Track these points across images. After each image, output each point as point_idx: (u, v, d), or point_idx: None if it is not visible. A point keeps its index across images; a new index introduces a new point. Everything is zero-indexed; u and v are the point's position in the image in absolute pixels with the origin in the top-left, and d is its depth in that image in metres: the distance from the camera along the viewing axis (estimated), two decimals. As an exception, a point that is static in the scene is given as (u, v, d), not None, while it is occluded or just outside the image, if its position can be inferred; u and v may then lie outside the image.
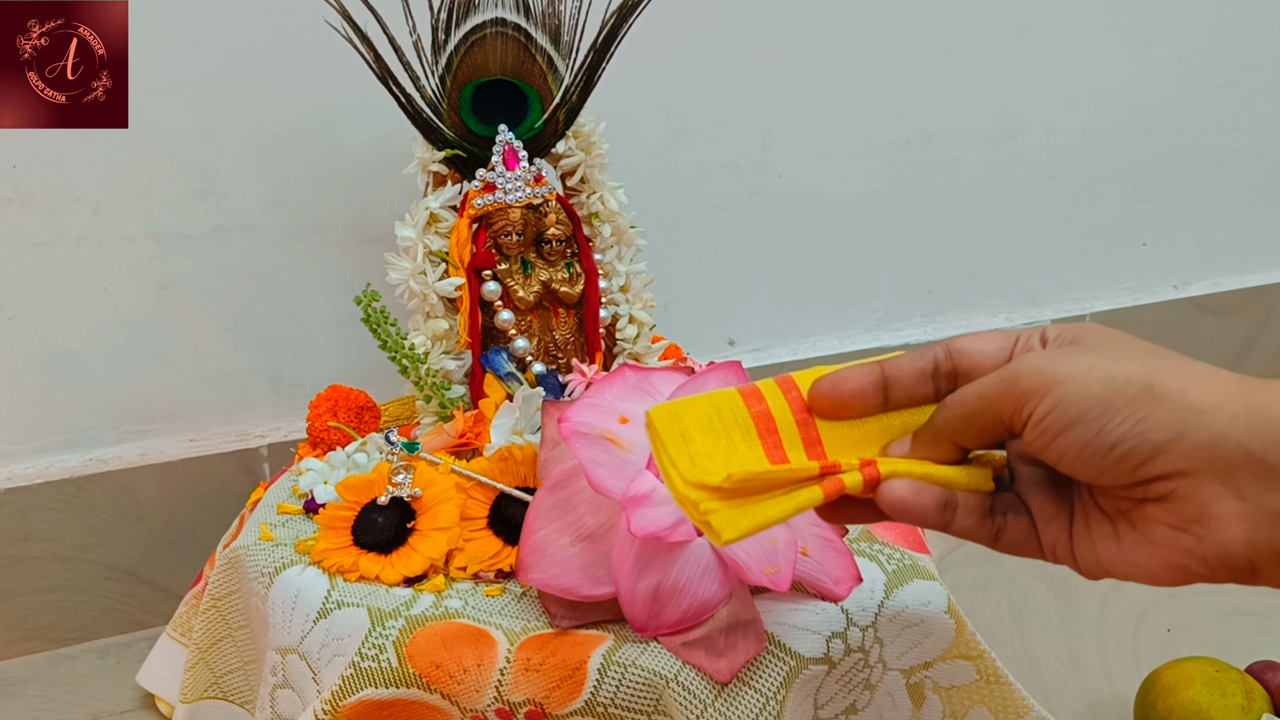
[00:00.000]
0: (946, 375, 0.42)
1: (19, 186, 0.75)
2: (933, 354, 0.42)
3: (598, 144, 0.71)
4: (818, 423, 0.42)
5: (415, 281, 0.67)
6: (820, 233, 1.01)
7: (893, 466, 0.40)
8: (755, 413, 0.42)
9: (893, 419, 0.42)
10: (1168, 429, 0.36)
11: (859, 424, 0.42)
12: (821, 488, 0.40)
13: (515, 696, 0.50)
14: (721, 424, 0.41)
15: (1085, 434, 0.36)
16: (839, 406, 0.42)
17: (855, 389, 0.42)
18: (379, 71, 0.66)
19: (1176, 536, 0.37)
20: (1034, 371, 0.38)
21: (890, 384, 0.42)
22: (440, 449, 0.64)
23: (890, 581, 0.57)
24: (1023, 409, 0.38)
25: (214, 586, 0.63)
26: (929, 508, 0.40)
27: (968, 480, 0.41)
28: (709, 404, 0.42)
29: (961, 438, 0.40)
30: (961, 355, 0.42)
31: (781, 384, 0.43)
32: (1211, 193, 1.18)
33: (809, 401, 0.42)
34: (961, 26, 0.99)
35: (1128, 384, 0.36)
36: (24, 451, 0.81)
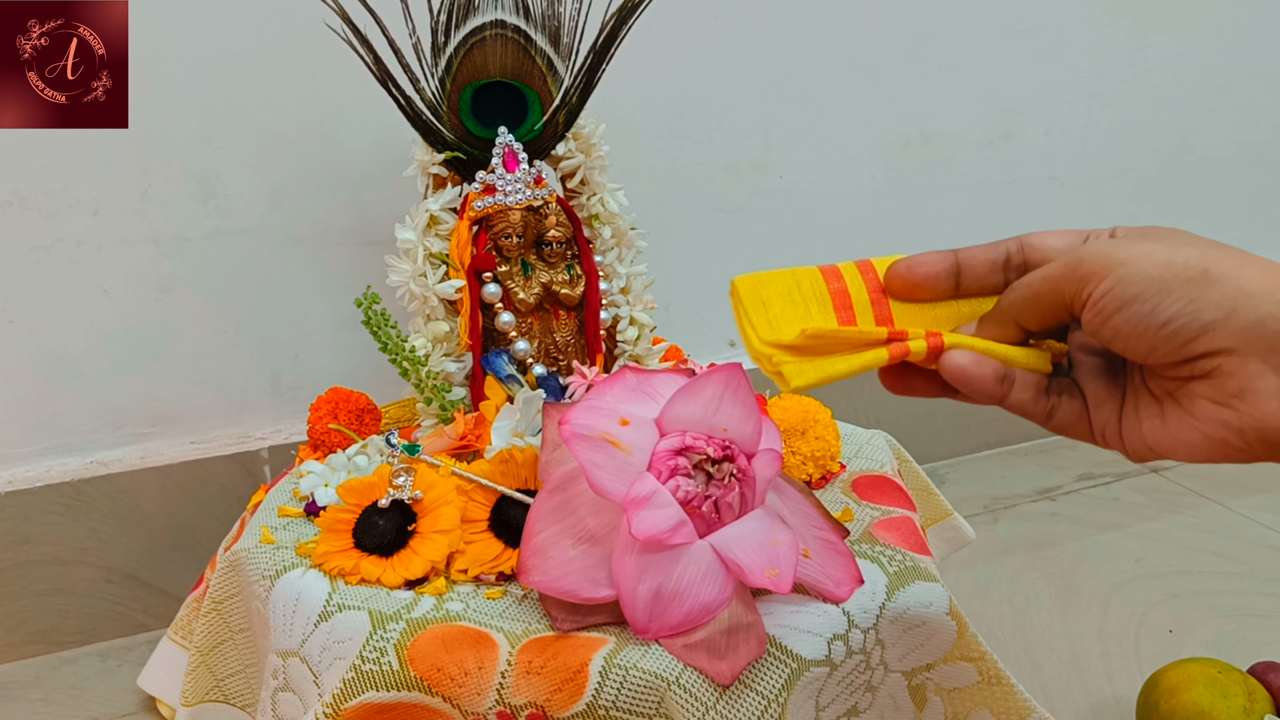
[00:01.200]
0: (1017, 267, 0.45)
1: (18, 190, 0.75)
2: (1005, 246, 0.45)
3: (598, 146, 0.71)
4: (891, 303, 0.45)
5: (416, 284, 0.67)
6: (820, 233, 1.01)
7: (956, 339, 0.43)
8: (833, 289, 0.45)
9: (962, 306, 0.45)
10: (1218, 309, 0.38)
11: (930, 307, 0.45)
12: (888, 350, 0.43)
13: (517, 699, 0.50)
14: (800, 296, 0.45)
15: (1140, 312, 0.39)
16: (912, 288, 0.45)
17: (929, 272, 0.45)
18: (378, 74, 0.66)
19: (1218, 411, 0.39)
20: (1097, 255, 0.40)
21: (963, 270, 0.45)
22: (441, 451, 0.64)
23: (892, 583, 0.57)
24: (1083, 289, 0.40)
25: (215, 589, 0.63)
26: (988, 378, 0.42)
27: (1026, 360, 0.43)
28: (790, 278, 0.45)
29: (1025, 318, 0.43)
30: (1033, 249, 0.44)
31: (860, 266, 0.46)
32: (1211, 193, 1.18)
33: (884, 283, 0.45)
34: (961, 27, 0.99)
35: (1185, 267, 0.39)
36: (24, 455, 0.81)
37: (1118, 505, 1.03)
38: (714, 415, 0.55)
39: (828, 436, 0.69)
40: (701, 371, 0.59)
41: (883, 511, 0.65)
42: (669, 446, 0.53)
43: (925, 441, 1.09)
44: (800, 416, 0.69)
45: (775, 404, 0.71)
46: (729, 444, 0.54)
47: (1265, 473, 1.08)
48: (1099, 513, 1.01)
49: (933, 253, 0.45)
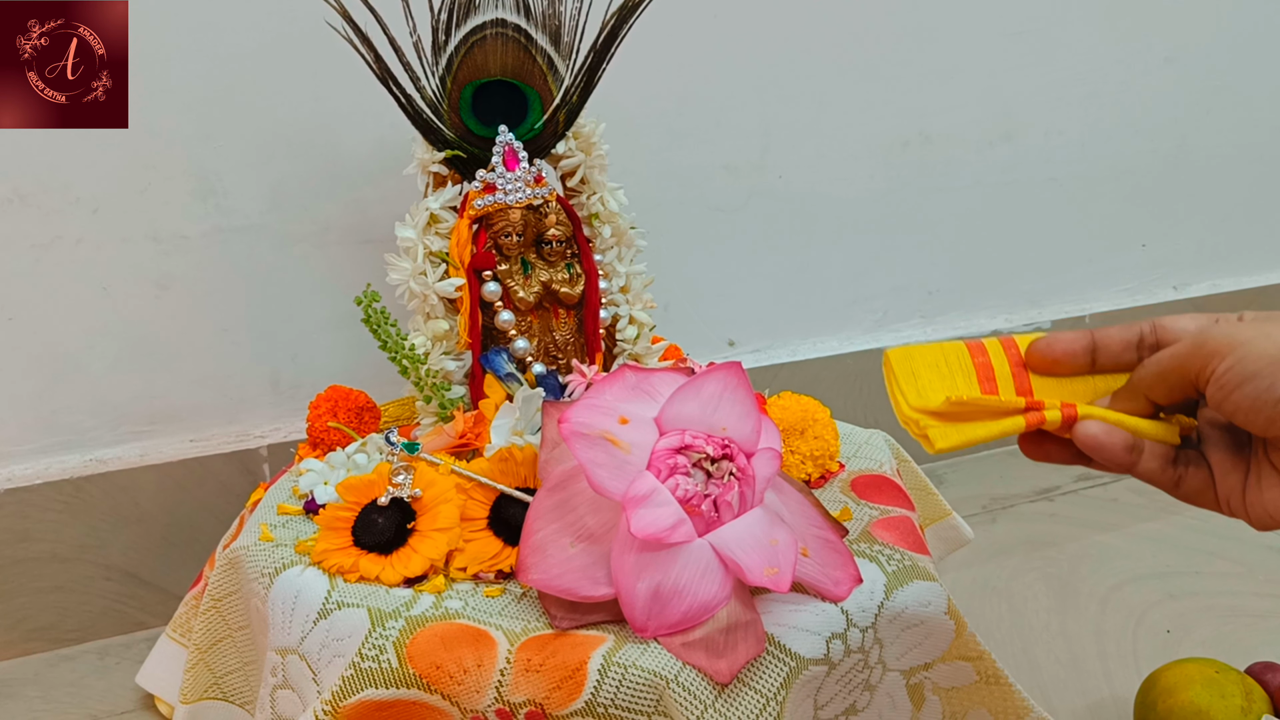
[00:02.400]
0: (1150, 346, 0.48)
1: (18, 188, 0.75)
2: (1139, 327, 0.48)
3: (598, 145, 0.71)
4: (1031, 376, 0.49)
5: (415, 282, 0.67)
6: (820, 234, 1.01)
7: (1089, 411, 0.46)
8: (978, 363, 0.49)
9: (1097, 381, 0.49)
10: None
11: (1067, 381, 0.49)
12: (1025, 418, 0.46)
13: (515, 697, 0.50)
14: (948, 368, 0.49)
15: (1259, 388, 0.41)
16: (1051, 363, 0.48)
17: (1067, 349, 0.48)
18: (379, 72, 0.66)
19: None
20: (1221, 336, 0.43)
21: (1098, 348, 0.48)
22: (440, 450, 0.64)
23: (890, 582, 0.57)
24: (1207, 366, 0.43)
25: (214, 587, 0.63)
26: (1117, 447, 0.45)
27: (1156, 431, 0.46)
28: (939, 352, 0.50)
29: (1154, 393, 0.46)
30: (1165, 330, 0.47)
31: (1004, 342, 0.50)
32: (1211, 194, 1.18)
33: (1025, 358, 0.49)
34: (960, 28, 0.99)
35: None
36: (23, 452, 0.81)
37: (1116, 506, 1.03)
38: (713, 414, 0.55)
39: (827, 436, 0.69)
40: (700, 370, 0.59)
41: (881, 511, 0.65)
42: (668, 445, 0.53)
43: (924, 441, 1.09)
44: (799, 416, 0.69)
45: (774, 403, 0.71)
46: (728, 443, 0.54)
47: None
48: (1097, 513, 1.01)
49: (1070, 331, 0.48)
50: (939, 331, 1.08)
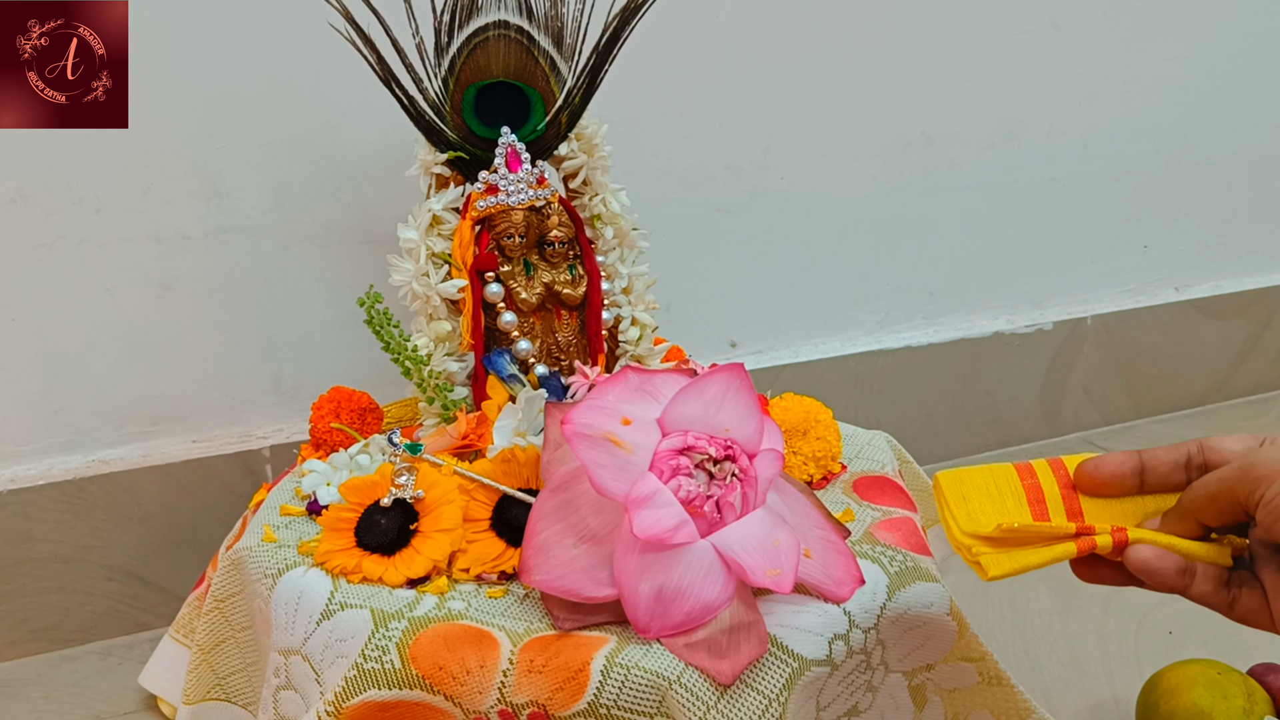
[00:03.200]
0: (1198, 468, 0.48)
1: (21, 188, 0.75)
2: (1187, 449, 0.48)
3: (600, 146, 0.71)
4: (1080, 498, 0.49)
5: (418, 283, 0.67)
6: (822, 235, 1.01)
7: (1140, 534, 0.47)
8: (1027, 485, 0.50)
9: (1147, 501, 0.49)
10: None
11: (1116, 502, 0.49)
12: (1076, 544, 0.47)
13: (518, 698, 0.50)
14: (998, 491, 0.50)
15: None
16: (1100, 485, 0.49)
17: (1116, 470, 0.49)
18: (381, 73, 0.66)
19: None
20: (1268, 460, 0.43)
21: (1147, 469, 0.49)
22: (443, 451, 0.64)
23: (892, 583, 0.57)
24: (1256, 491, 0.43)
25: (217, 588, 0.63)
26: (1169, 571, 0.46)
27: (1207, 554, 0.47)
28: (988, 474, 0.50)
29: (1203, 515, 0.46)
30: (1212, 451, 0.48)
31: (1052, 463, 0.51)
32: (1213, 195, 1.18)
33: (1074, 479, 0.50)
34: (962, 29, 0.99)
35: None
36: (26, 453, 0.81)
37: (1118, 507, 1.03)
38: (716, 415, 0.55)
39: (829, 437, 0.69)
40: (703, 372, 0.59)
41: (884, 512, 0.65)
42: (671, 446, 0.53)
43: (925, 442, 1.09)
44: (802, 417, 0.69)
45: (776, 404, 0.71)
46: (731, 444, 0.54)
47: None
48: (1099, 514, 1.01)
49: (1119, 453, 0.49)
50: (941, 332, 1.08)
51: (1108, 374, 1.17)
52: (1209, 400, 1.25)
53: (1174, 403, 1.23)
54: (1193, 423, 1.21)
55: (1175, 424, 1.21)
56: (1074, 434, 1.18)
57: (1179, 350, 1.21)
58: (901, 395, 1.07)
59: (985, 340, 1.10)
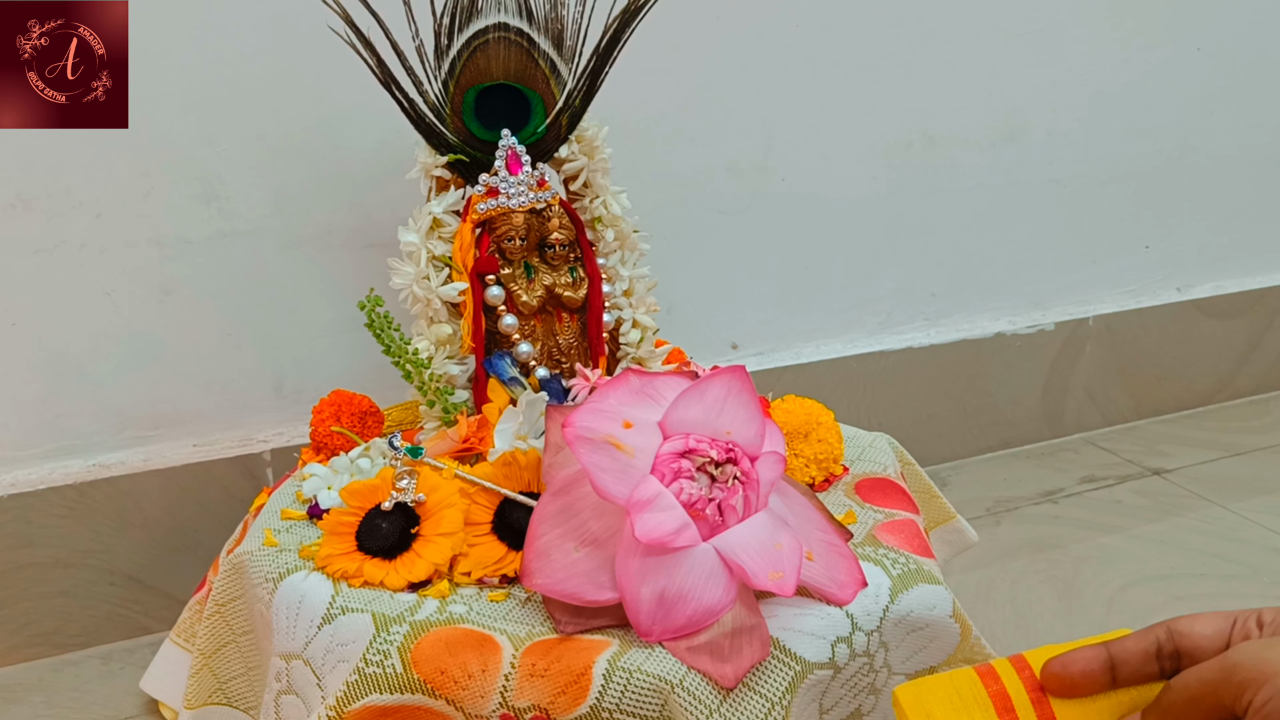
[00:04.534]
0: (1170, 655, 0.45)
1: (21, 192, 0.75)
2: (1155, 635, 0.45)
3: (600, 148, 0.71)
4: (1051, 700, 0.46)
5: (418, 286, 0.67)
6: (823, 236, 1.01)
7: None
8: (992, 692, 0.46)
9: (1122, 695, 0.46)
10: None
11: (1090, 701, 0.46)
12: None
13: (520, 702, 0.50)
14: (963, 703, 0.45)
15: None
16: (1069, 686, 0.45)
17: (1084, 670, 0.45)
18: (382, 76, 0.66)
19: None
20: (1251, 660, 0.40)
21: (1117, 665, 0.45)
22: (444, 454, 0.64)
23: (895, 586, 0.57)
24: (1243, 696, 0.40)
25: (218, 592, 0.63)
26: None
27: None
28: (950, 684, 0.46)
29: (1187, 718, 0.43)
30: (1183, 637, 0.45)
31: (1015, 664, 0.47)
32: (1214, 195, 1.18)
33: (1041, 680, 0.46)
34: (963, 29, 0.99)
35: None
36: (27, 457, 0.81)
37: (1120, 508, 1.03)
38: (717, 418, 0.55)
39: (830, 439, 0.69)
40: (704, 374, 0.59)
41: (886, 514, 0.65)
42: (672, 449, 0.53)
43: (927, 444, 1.09)
44: (803, 419, 0.69)
45: (778, 406, 0.71)
46: (732, 446, 0.54)
47: (1267, 476, 1.08)
48: (1101, 515, 1.01)
49: (1085, 649, 0.46)
50: (943, 334, 1.08)
51: (1109, 375, 1.17)
52: (1211, 400, 1.25)
53: (1176, 403, 1.23)
54: (1194, 423, 1.21)
55: (1177, 424, 1.21)
56: (1076, 435, 1.18)
57: (1181, 351, 1.21)
58: (903, 397, 1.07)
59: (987, 341, 1.09)
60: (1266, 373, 1.27)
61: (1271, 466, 1.10)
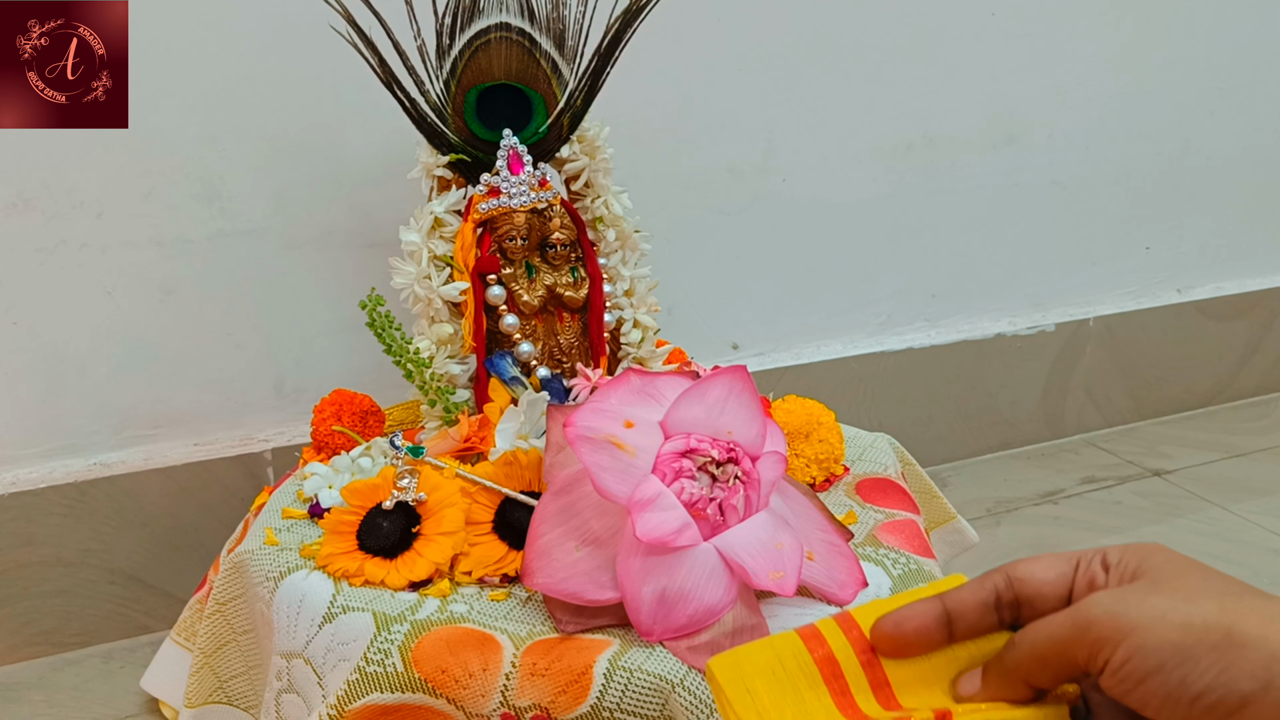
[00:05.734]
0: (1009, 604, 0.42)
1: (22, 192, 0.75)
2: (993, 584, 0.42)
3: (602, 148, 0.71)
4: (884, 663, 0.41)
5: (420, 286, 0.67)
6: (823, 237, 1.01)
7: (969, 716, 0.39)
8: (819, 657, 0.41)
9: (959, 650, 0.42)
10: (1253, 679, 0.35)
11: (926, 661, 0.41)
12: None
13: (521, 701, 0.50)
14: (785, 673, 0.40)
15: (1167, 683, 0.36)
16: (903, 646, 0.41)
17: (919, 627, 0.41)
18: (383, 76, 0.66)
19: None
20: (1105, 616, 0.37)
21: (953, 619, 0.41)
22: (445, 453, 0.64)
23: (895, 586, 0.57)
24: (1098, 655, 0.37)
25: (218, 591, 0.63)
26: None
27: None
28: (771, 652, 0.41)
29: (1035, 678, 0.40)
30: (1022, 584, 0.41)
31: (842, 624, 0.42)
32: (1214, 196, 1.18)
33: (872, 641, 0.41)
34: (964, 31, 0.99)
35: (1206, 630, 0.36)
36: (27, 456, 0.81)
37: (1120, 509, 1.03)
38: (719, 418, 0.55)
39: (831, 439, 0.69)
40: (705, 374, 0.59)
41: (886, 514, 0.65)
42: (673, 449, 0.53)
43: (928, 444, 1.09)
44: (804, 419, 0.69)
45: (779, 407, 0.71)
46: (733, 446, 0.54)
47: (1267, 477, 1.08)
48: (1101, 516, 1.01)
49: (918, 604, 0.41)
50: (943, 334, 1.08)
51: (1110, 376, 1.17)
52: (1211, 402, 1.25)
53: (1176, 404, 1.23)
54: (1194, 424, 1.21)
55: (1177, 425, 1.21)
56: (1076, 435, 1.18)
57: (1181, 352, 1.21)
58: (904, 397, 1.07)
59: (987, 342, 1.10)
60: (1267, 374, 1.27)
61: (1271, 468, 1.10)
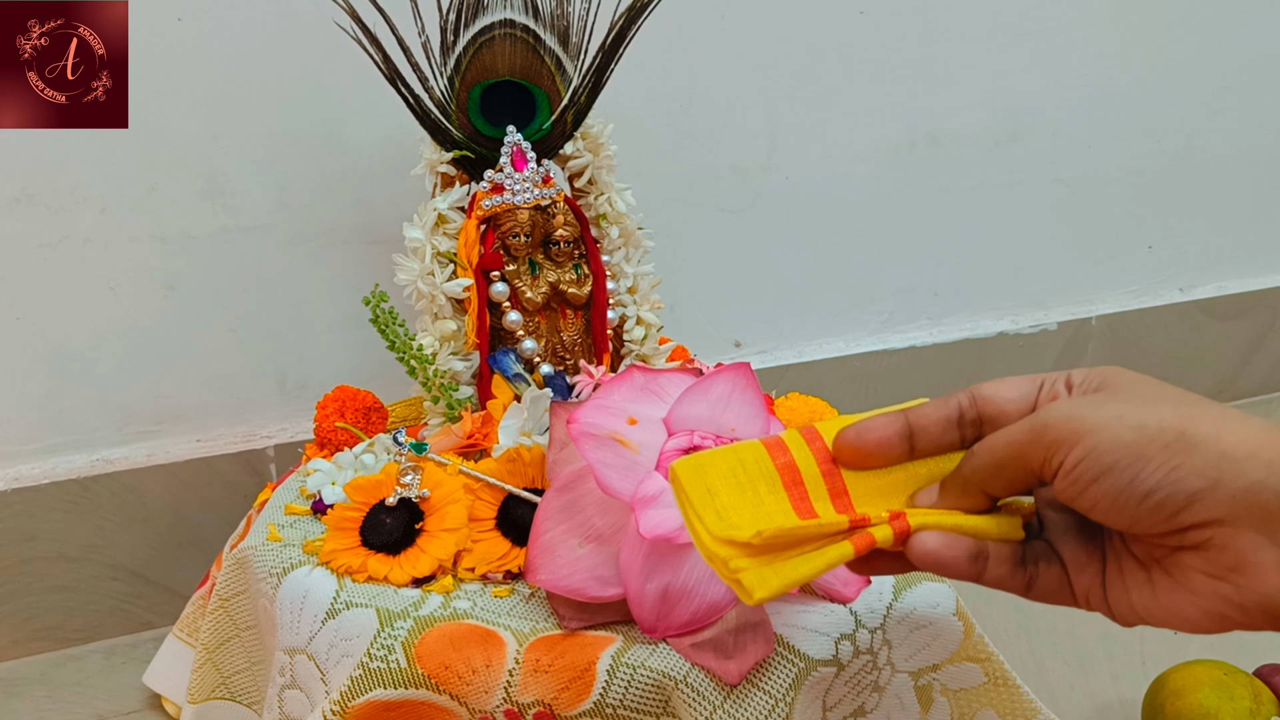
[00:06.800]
0: (972, 423, 0.42)
1: (26, 187, 0.75)
2: (957, 401, 0.42)
3: (606, 145, 0.71)
4: (843, 473, 0.42)
5: (423, 282, 0.67)
6: (826, 235, 1.01)
7: (923, 519, 0.40)
8: (780, 464, 0.41)
9: (919, 467, 0.42)
10: (1202, 477, 0.35)
11: (885, 473, 0.42)
12: (852, 542, 0.39)
13: (524, 698, 0.50)
14: (747, 476, 0.41)
15: (1118, 483, 0.36)
16: (864, 457, 0.41)
17: (880, 438, 0.41)
18: (387, 72, 0.66)
19: (1214, 585, 0.37)
20: (1062, 420, 0.37)
21: (915, 433, 0.42)
22: (448, 450, 0.64)
23: (898, 583, 0.57)
24: (1053, 458, 0.37)
25: (221, 587, 0.63)
26: (960, 559, 0.39)
27: (998, 529, 0.41)
28: (734, 456, 0.41)
29: (990, 486, 0.40)
30: (986, 402, 0.42)
31: (805, 434, 0.42)
32: (1217, 195, 1.18)
33: (834, 452, 0.42)
34: (967, 28, 0.99)
35: (1160, 431, 0.36)
36: (30, 452, 0.81)
37: (1122, 507, 1.02)
38: (722, 414, 0.55)
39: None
40: (709, 371, 0.59)
41: (889, 512, 0.65)
42: (677, 445, 0.53)
43: (930, 443, 1.09)
44: (807, 417, 0.69)
45: (782, 404, 0.71)
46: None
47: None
48: (1103, 515, 1.01)
49: (881, 417, 0.42)
50: (946, 333, 1.08)
51: (1112, 375, 1.17)
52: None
53: (1178, 403, 1.23)
54: (1197, 424, 1.21)
55: (1179, 425, 1.21)
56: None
57: (1183, 351, 1.21)
58: (906, 395, 1.06)
59: (989, 341, 1.09)
60: (1269, 374, 1.27)
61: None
